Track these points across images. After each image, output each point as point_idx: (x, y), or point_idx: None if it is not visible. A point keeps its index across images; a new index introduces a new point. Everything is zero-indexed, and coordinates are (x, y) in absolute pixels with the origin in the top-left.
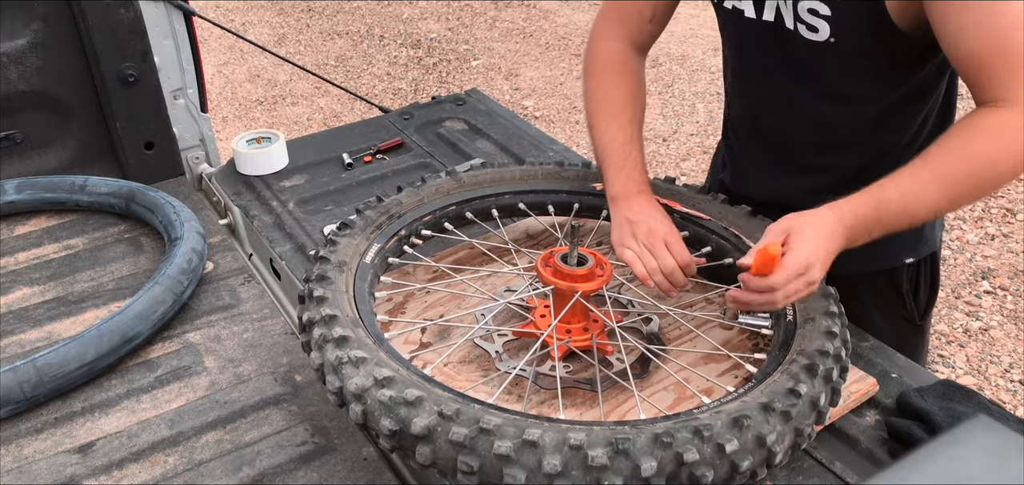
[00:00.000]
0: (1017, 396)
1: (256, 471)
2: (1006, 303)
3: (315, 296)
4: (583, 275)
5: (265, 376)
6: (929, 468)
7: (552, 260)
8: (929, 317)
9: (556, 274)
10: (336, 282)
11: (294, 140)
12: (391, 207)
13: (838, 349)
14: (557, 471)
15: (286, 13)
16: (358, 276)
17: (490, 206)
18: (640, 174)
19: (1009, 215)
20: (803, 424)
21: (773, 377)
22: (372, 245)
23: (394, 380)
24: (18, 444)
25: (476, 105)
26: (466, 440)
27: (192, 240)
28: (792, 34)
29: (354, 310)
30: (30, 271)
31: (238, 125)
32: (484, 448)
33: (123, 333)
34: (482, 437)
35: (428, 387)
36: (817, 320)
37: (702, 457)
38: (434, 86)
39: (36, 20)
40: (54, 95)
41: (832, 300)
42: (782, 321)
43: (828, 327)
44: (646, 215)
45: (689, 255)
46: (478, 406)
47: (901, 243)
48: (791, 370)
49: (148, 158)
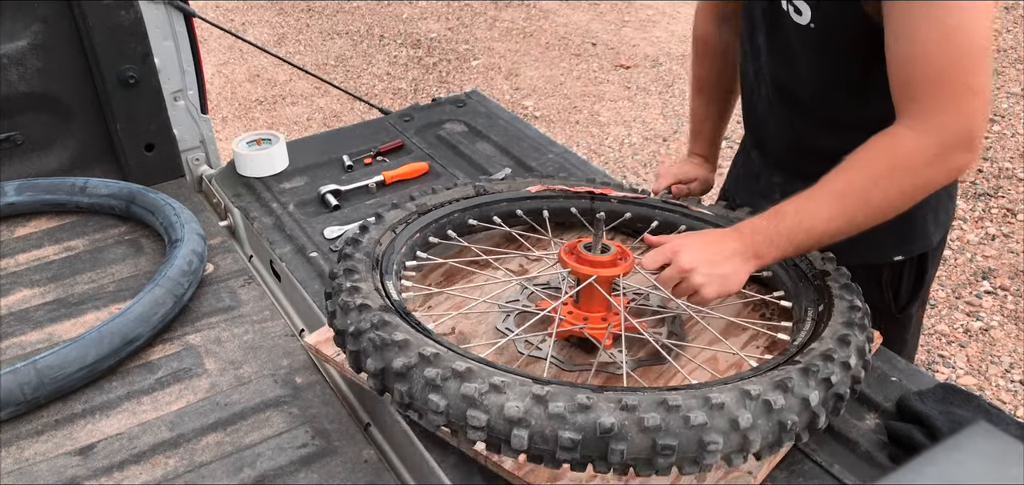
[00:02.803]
0: (1017, 397)
1: (257, 473)
2: (1007, 303)
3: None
4: (602, 262)
5: (265, 378)
6: (929, 473)
7: (576, 248)
8: (912, 309)
9: (577, 260)
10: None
11: (294, 141)
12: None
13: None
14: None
15: (286, 13)
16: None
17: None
18: (698, 144)
19: (1009, 215)
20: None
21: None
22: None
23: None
24: (19, 446)
25: (476, 107)
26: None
27: (192, 242)
28: (784, 16)
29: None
30: (30, 273)
31: (238, 125)
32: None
33: (123, 335)
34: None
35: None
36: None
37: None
38: (434, 86)
39: (36, 22)
40: (54, 97)
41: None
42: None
43: (851, 302)
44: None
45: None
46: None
47: (890, 239)
48: (828, 339)
49: (148, 160)
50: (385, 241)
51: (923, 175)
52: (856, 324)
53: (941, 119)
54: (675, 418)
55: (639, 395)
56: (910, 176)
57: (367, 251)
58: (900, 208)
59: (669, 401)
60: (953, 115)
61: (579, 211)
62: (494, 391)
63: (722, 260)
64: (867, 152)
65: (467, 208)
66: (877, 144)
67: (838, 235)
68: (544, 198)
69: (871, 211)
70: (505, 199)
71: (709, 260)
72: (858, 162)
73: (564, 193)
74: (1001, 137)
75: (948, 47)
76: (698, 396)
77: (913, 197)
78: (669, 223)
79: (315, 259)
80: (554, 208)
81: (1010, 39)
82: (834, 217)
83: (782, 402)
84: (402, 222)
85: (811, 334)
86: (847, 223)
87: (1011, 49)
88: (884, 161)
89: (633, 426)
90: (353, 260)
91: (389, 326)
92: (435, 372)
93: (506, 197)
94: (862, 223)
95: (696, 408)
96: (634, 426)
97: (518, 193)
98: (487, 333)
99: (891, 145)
